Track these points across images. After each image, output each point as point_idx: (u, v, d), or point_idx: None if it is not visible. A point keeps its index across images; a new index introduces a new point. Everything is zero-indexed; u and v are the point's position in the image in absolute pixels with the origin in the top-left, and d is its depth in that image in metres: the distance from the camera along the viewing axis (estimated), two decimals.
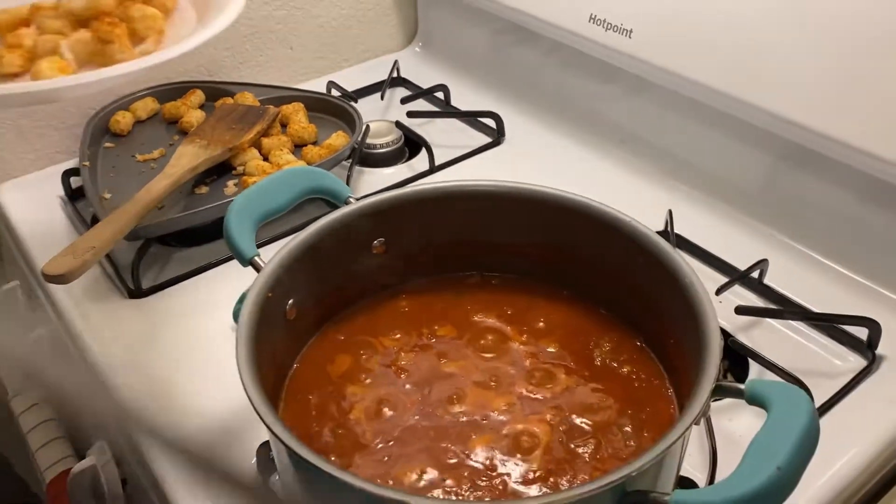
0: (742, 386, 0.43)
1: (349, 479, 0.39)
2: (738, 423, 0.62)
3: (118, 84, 0.68)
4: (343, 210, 0.57)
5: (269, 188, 0.56)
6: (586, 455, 0.49)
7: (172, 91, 0.96)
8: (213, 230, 0.80)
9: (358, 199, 0.58)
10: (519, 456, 0.49)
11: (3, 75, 0.67)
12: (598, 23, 0.86)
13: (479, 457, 0.49)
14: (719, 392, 0.44)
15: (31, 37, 0.67)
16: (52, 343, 0.80)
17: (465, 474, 0.47)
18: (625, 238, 0.54)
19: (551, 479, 0.47)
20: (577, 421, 0.51)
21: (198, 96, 0.95)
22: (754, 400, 0.42)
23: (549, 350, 0.57)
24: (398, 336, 0.58)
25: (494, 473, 0.48)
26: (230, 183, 0.82)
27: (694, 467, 0.58)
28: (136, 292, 0.75)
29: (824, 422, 0.61)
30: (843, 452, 0.60)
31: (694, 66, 0.80)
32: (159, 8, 0.69)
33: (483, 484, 0.47)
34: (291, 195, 0.57)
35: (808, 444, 0.38)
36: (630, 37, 0.83)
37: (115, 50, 0.65)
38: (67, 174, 0.88)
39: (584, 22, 0.88)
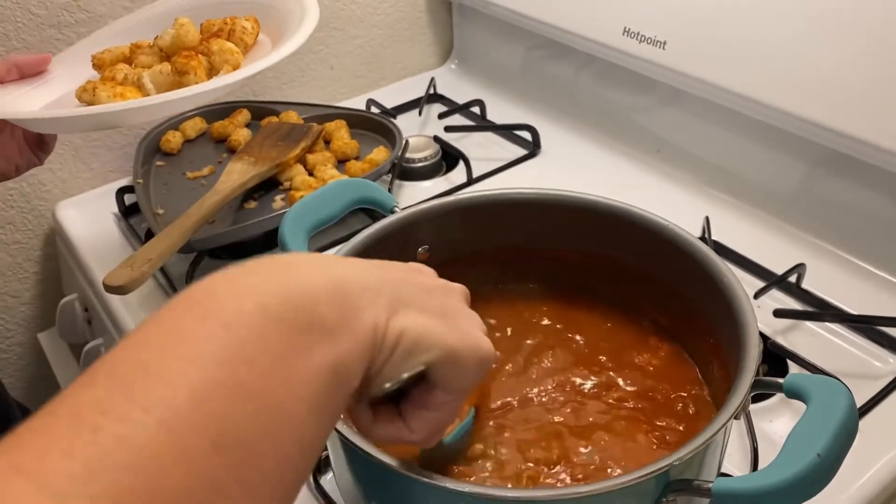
0: (781, 380, 0.44)
1: (408, 472, 0.41)
2: (778, 424, 0.63)
3: (181, 107, 0.73)
4: (389, 218, 0.59)
5: (321, 199, 0.58)
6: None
7: (220, 111, 1.00)
8: (261, 243, 0.83)
9: (403, 209, 0.61)
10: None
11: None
12: (632, 35, 0.88)
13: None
14: (759, 386, 0.45)
15: (123, 71, 0.72)
16: None
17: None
18: (663, 241, 0.56)
19: None
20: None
21: (244, 115, 0.99)
22: (793, 392, 0.43)
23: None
24: None
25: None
26: (278, 198, 0.85)
27: (736, 466, 0.59)
28: None
29: (865, 423, 0.62)
30: (884, 452, 0.60)
31: (728, 76, 0.81)
32: (238, 44, 0.73)
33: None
34: (342, 205, 0.59)
35: (847, 432, 0.39)
36: (664, 48, 0.85)
37: (191, 80, 0.69)
38: (121, 192, 0.92)
39: (618, 35, 0.90)
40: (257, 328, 0.29)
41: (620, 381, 0.57)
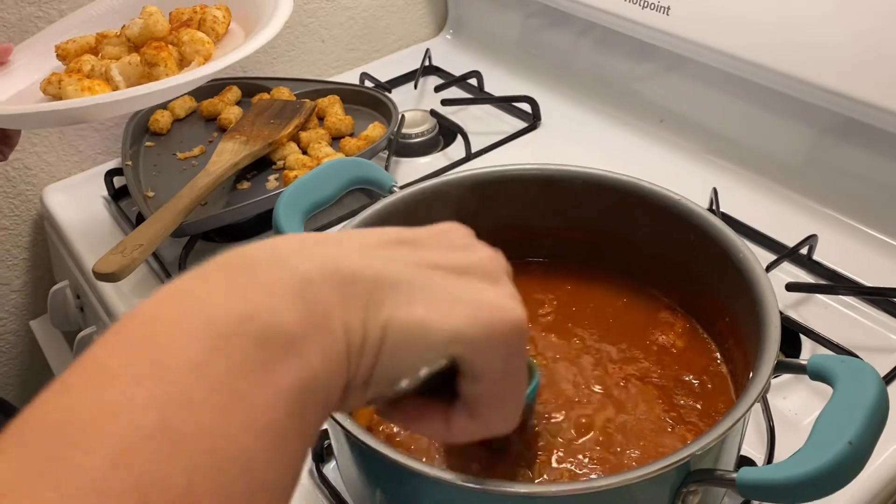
0: (804, 361, 0.42)
1: (412, 466, 0.39)
2: (792, 402, 0.61)
3: (152, 101, 0.70)
4: (388, 199, 0.57)
5: (316, 180, 0.56)
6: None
7: (209, 88, 0.96)
8: (255, 225, 0.81)
9: (402, 188, 0.58)
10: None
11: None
12: (635, 1, 0.85)
13: None
14: (781, 368, 0.43)
15: (90, 62, 0.69)
16: None
17: None
18: (675, 217, 0.53)
19: None
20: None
21: (234, 93, 0.96)
22: (817, 375, 0.41)
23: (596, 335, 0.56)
24: None
25: None
26: (271, 177, 0.83)
27: (751, 446, 0.58)
28: None
29: None
30: None
31: (734, 41, 0.78)
32: (209, 33, 0.71)
33: None
34: (338, 186, 0.57)
35: (878, 417, 0.37)
36: (668, 14, 0.82)
37: (161, 72, 0.66)
38: (110, 174, 0.90)
39: (620, 0, 0.87)
40: (203, 357, 0.24)
41: (635, 358, 0.55)
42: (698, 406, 0.50)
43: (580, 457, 0.47)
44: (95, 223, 0.87)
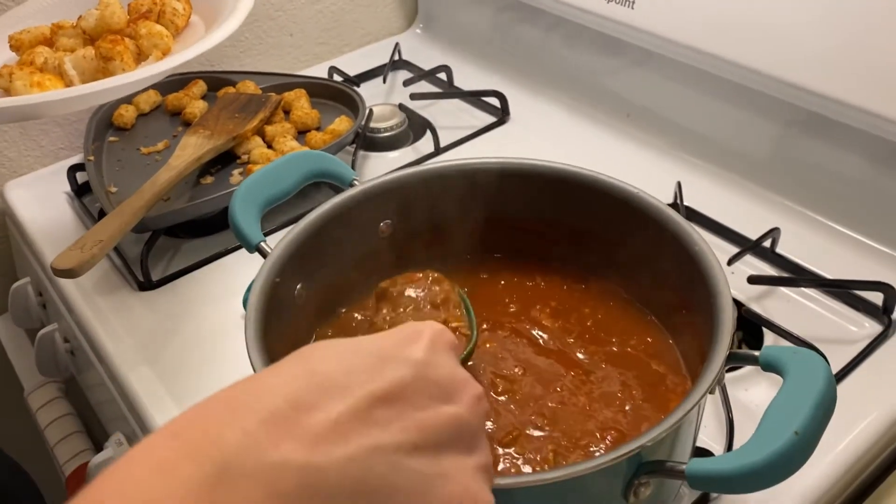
0: (756, 353, 0.43)
1: None
2: (754, 393, 0.61)
3: (106, 98, 0.68)
4: (347, 193, 0.56)
5: (273, 174, 0.55)
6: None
7: (174, 82, 0.95)
8: (219, 220, 0.80)
9: (363, 182, 0.58)
10: None
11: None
12: None
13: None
14: (734, 359, 0.43)
15: (44, 54, 0.68)
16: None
17: None
18: (633, 210, 0.53)
19: None
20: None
21: (200, 87, 0.95)
22: (769, 366, 0.42)
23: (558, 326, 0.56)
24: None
25: None
26: (235, 172, 0.82)
27: (711, 439, 0.58)
28: (146, 284, 0.75)
29: (842, 389, 0.61)
30: (862, 418, 0.59)
31: (698, 35, 0.78)
32: (168, 26, 0.69)
33: None
34: (295, 180, 0.56)
35: (825, 408, 0.37)
36: (632, 7, 0.82)
37: (117, 67, 0.65)
38: (73, 170, 0.88)
39: None
40: None
41: (587, 351, 0.55)
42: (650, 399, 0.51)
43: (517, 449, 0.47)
44: (58, 219, 0.86)
